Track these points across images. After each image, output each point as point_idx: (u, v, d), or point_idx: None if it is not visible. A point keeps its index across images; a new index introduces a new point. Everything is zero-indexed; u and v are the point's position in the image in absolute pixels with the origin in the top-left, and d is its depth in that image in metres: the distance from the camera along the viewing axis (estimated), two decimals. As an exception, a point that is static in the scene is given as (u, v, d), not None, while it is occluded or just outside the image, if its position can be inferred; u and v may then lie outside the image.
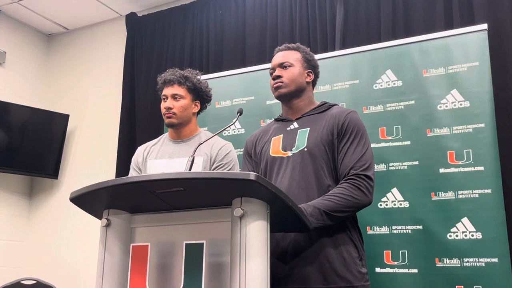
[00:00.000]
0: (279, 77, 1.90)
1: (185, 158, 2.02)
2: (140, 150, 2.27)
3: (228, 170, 2.09)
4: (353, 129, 1.78)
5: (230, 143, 2.21)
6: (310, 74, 1.96)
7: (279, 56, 1.96)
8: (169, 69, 2.25)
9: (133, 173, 2.20)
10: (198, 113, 2.27)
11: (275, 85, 1.91)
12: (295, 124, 1.90)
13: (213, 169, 2.09)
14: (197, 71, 2.26)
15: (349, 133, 1.78)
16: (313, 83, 2.00)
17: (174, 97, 2.16)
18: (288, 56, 1.94)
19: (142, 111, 3.79)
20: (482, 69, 2.32)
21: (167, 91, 2.17)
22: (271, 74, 1.96)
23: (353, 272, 1.66)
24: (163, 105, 2.18)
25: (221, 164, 2.10)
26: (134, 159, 2.25)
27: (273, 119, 2.06)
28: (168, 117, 2.15)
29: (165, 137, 2.28)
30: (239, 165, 2.18)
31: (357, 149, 1.74)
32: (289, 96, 1.91)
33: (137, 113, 3.83)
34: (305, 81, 1.93)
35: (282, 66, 1.92)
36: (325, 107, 1.92)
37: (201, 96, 2.23)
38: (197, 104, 2.23)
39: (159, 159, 2.17)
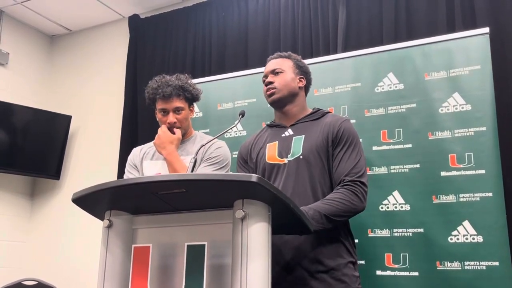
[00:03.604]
0: (271, 83, 1.95)
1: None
2: (137, 151, 2.26)
3: (217, 163, 2.07)
4: (347, 137, 1.83)
5: (223, 142, 2.19)
6: (302, 79, 2.01)
7: (271, 64, 2.02)
8: (159, 78, 2.19)
9: (132, 172, 2.19)
10: None
11: (268, 92, 1.96)
12: (290, 131, 1.94)
13: (202, 163, 2.07)
14: (186, 75, 2.22)
15: (343, 141, 1.83)
16: (306, 89, 2.05)
17: (175, 111, 2.13)
18: (280, 63, 2.00)
19: (144, 112, 3.78)
20: (483, 73, 2.32)
21: (167, 105, 2.12)
22: (264, 81, 2.00)
23: (348, 275, 1.71)
24: (163, 119, 2.14)
25: (209, 157, 2.08)
26: (130, 159, 2.24)
27: (265, 126, 2.09)
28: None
29: None
30: (233, 168, 2.17)
31: (351, 157, 1.80)
32: (283, 102, 1.96)
33: (139, 115, 3.83)
34: (297, 86, 1.98)
35: (274, 72, 1.98)
36: (319, 114, 1.96)
37: (194, 100, 2.22)
38: (192, 108, 2.23)
39: (155, 160, 2.17)
